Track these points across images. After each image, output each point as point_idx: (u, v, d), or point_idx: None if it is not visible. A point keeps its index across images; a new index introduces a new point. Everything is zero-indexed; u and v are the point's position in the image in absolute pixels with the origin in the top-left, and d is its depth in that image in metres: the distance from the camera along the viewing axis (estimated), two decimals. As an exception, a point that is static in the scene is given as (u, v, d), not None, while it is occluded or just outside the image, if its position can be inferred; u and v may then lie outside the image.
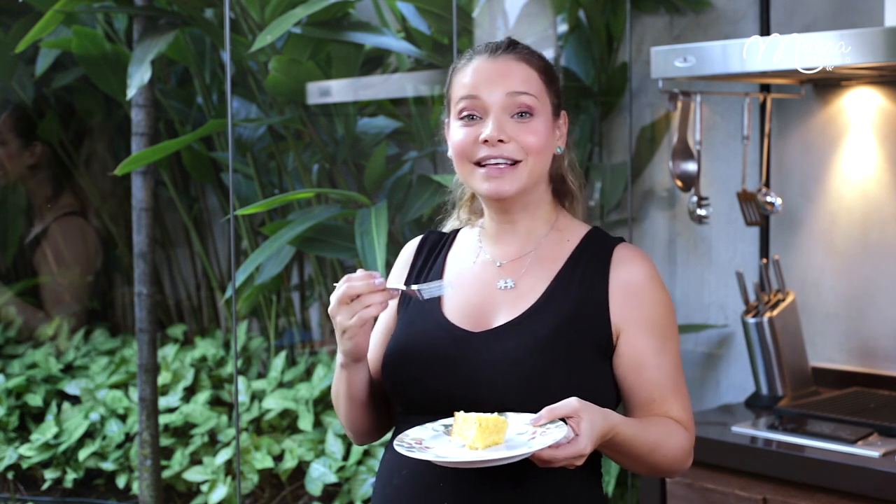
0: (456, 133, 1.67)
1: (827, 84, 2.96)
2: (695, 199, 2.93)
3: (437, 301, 1.71)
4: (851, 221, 2.96)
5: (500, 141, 1.63)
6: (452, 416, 1.55)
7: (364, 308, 1.58)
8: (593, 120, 3.48)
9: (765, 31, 3.04)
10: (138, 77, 2.98)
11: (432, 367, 1.65)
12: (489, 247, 1.75)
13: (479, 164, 1.65)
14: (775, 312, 2.88)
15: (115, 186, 4.12)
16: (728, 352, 3.25)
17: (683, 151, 2.90)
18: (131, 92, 2.99)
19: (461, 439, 1.50)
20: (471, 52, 1.72)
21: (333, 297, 1.60)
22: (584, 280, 1.67)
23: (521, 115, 1.65)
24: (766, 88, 3.04)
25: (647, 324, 1.66)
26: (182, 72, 3.92)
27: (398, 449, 1.52)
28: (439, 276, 1.76)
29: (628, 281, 1.67)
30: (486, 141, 1.63)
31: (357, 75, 3.42)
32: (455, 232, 1.83)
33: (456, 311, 1.70)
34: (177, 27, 3.17)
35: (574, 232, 1.74)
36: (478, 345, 1.64)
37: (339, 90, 3.43)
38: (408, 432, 1.57)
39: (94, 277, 4.24)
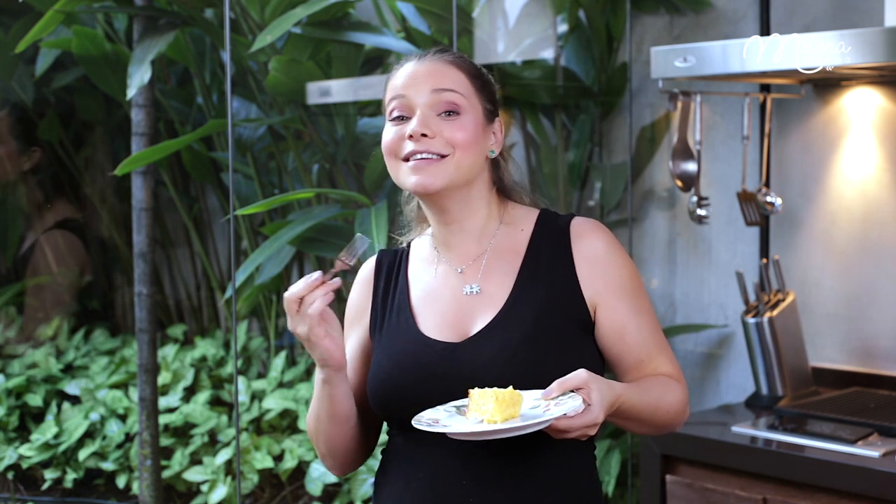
0: (386, 133, 1.70)
1: (827, 84, 2.96)
2: (695, 199, 2.93)
3: (410, 319, 1.72)
4: (851, 221, 2.96)
5: (424, 136, 1.65)
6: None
7: (310, 306, 1.59)
8: (593, 120, 3.48)
9: (765, 31, 3.04)
10: (138, 77, 2.98)
11: (423, 385, 1.65)
12: (444, 253, 1.75)
13: (405, 160, 1.67)
14: (775, 312, 2.88)
15: (115, 186, 4.12)
16: (728, 352, 3.25)
17: (683, 151, 2.90)
18: (131, 92, 2.99)
19: (478, 414, 1.52)
20: (405, 59, 1.75)
21: (287, 312, 1.62)
22: (548, 264, 1.69)
23: (449, 114, 1.66)
24: (766, 88, 3.03)
25: (619, 289, 1.68)
26: (182, 72, 3.92)
27: (416, 426, 1.53)
28: (405, 296, 1.75)
29: (592, 253, 1.70)
30: (410, 136, 1.65)
31: (357, 75, 3.42)
32: (406, 247, 1.83)
33: (432, 325, 1.70)
34: (177, 27, 3.17)
35: (526, 220, 1.75)
36: (464, 353, 1.65)
37: (339, 90, 3.43)
38: (422, 414, 1.58)
39: (94, 277, 4.24)
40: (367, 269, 1.83)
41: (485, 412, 1.51)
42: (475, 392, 1.53)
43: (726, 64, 2.56)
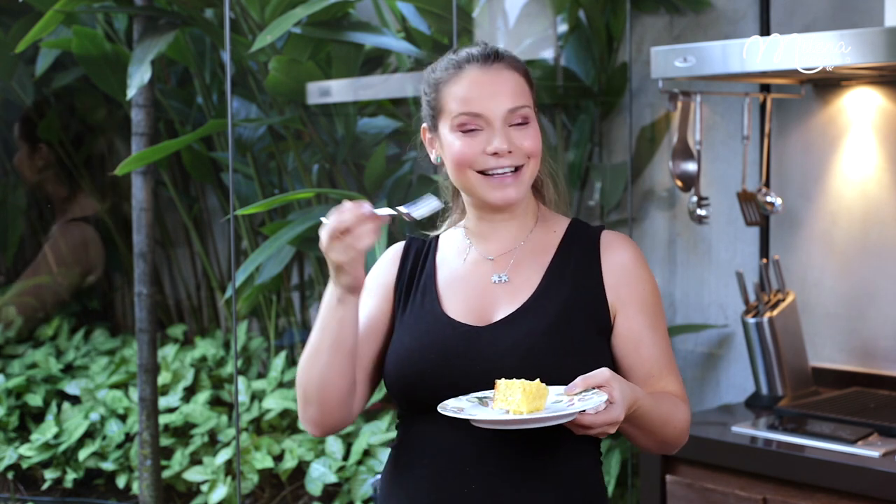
0: (454, 143, 1.71)
1: (827, 84, 2.96)
2: (695, 199, 2.93)
3: (436, 301, 1.74)
4: (851, 221, 2.96)
5: (509, 152, 1.68)
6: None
7: (357, 240, 1.60)
8: (593, 120, 3.48)
9: (765, 31, 3.04)
10: (138, 77, 2.98)
11: (443, 366, 1.68)
12: (478, 244, 1.79)
13: (481, 172, 1.70)
14: (775, 312, 2.88)
15: (115, 186, 4.12)
16: (728, 352, 3.25)
17: (683, 151, 2.90)
18: (131, 92, 2.99)
19: (504, 404, 1.54)
20: (454, 58, 1.75)
21: (324, 233, 1.62)
22: (577, 266, 1.74)
23: (520, 124, 1.71)
24: (766, 88, 3.04)
25: (641, 302, 1.74)
26: (182, 72, 3.92)
27: (442, 412, 1.55)
28: (432, 279, 1.78)
29: (619, 263, 1.74)
30: (495, 153, 1.68)
31: (357, 75, 3.42)
32: (436, 238, 1.86)
33: (456, 308, 1.73)
34: (177, 27, 3.17)
35: (558, 224, 1.80)
36: (487, 338, 1.68)
37: (339, 90, 3.43)
38: (446, 403, 1.59)
39: (94, 277, 4.24)
40: (395, 249, 1.86)
41: (511, 403, 1.54)
42: (502, 382, 1.55)
43: (726, 64, 2.56)
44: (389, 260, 1.85)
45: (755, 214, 2.99)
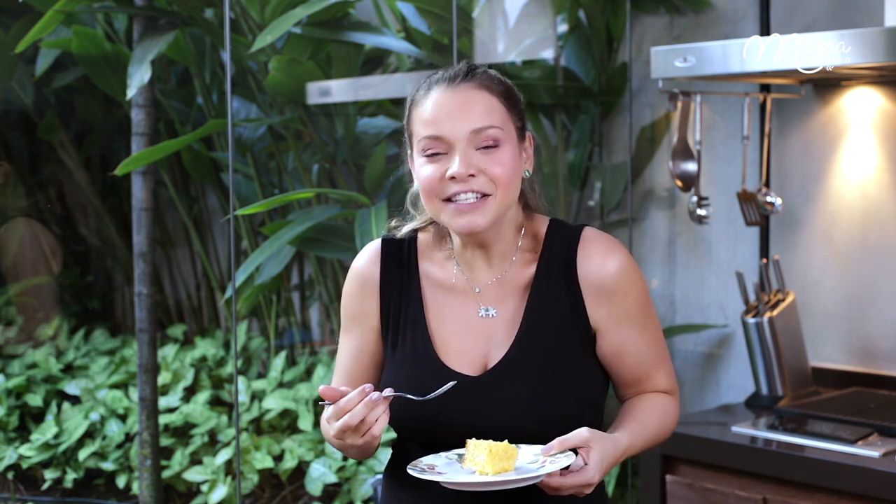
0: (422, 170, 1.62)
1: (827, 84, 2.96)
2: (695, 199, 2.93)
3: (428, 342, 1.67)
4: (851, 221, 2.96)
5: (470, 175, 1.59)
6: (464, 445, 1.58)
7: (372, 426, 1.53)
8: (593, 120, 3.48)
9: (765, 31, 3.04)
10: (138, 77, 2.98)
11: (439, 414, 1.63)
12: (465, 270, 1.71)
13: (448, 199, 1.61)
14: (775, 312, 2.88)
15: (115, 186, 4.12)
16: (728, 352, 3.25)
17: (683, 151, 2.90)
18: (131, 92, 2.99)
19: (472, 465, 1.53)
20: (428, 80, 1.66)
21: (335, 427, 1.54)
22: (556, 286, 1.67)
23: (487, 148, 1.60)
24: (766, 88, 3.03)
25: (624, 317, 1.67)
26: (182, 72, 3.92)
27: (411, 472, 1.53)
28: (419, 305, 1.69)
29: (598, 280, 1.66)
30: (453, 177, 1.58)
31: (357, 75, 3.42)
32: (412, 238, 1.76)
33: (451, 353, 1.67)
34: (177, 27, 3.17)
35: (538, 229, 1.71)
36: (481, 389, 1.64)
37: (339, 90, 3.43)
38: (422, 459, 1.58)
39: (94, 277, 4.24)
40: (371, 266, 1.74)
41: (477, 464, 1.52)
42: (471, 443, 1.54)
43: (726, 64, 2.56)
44: (367, 282, 1.73)
45: (755, 214, 2.99)
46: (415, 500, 1.70)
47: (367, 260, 1.75)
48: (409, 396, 1.58)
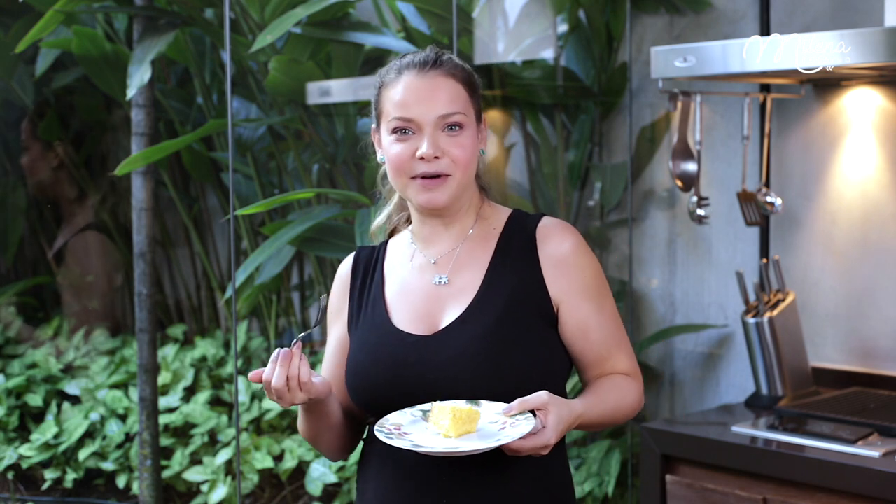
0: (391, 147, 1.76)
1: (827, 84, 2.96)
2: (695, 199, 2.93)
3: (384, 312, 1.80)
4: (851, 221, 2.96)
5: (436, 157, 1.73)
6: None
7: (300, 375, 1.68)
8: (593, 120, 3.48)
9: (765, 31, 3.04)
10: (138, 77, 2.98)
11: (395, 377, 1.73)
12: (422, 247, 1.83)
13: (414, 178, 1.75)
14: (775, 312, 2.88)
15: (115, 186, 4.12)
16: (728, 352, 3.25)
17: (683, 151, 2.90)
18: (131, 92, 3.00)
19: (437, 428, 1.61)
20: (398, 63, 1.80)
21: (275, 402, 1.73)
22: (515, 262, 1.77)
23: (451, 128, 1.75)
24: (766, 88, 3.04)
25: (583, 290, 1.76)
26: (182, 72, 3.92)
27: (378, 434, 1.61)
28: (381, 290, 1.83)
29: (556, 254, 1.77)
30: (422, 157, 1.73)
31: (357, 75, 3.42)
32: (384, 244, 1.91)
33: (404, 318, 1.78)
34: (177, 27, 3.17)
35: (497, 218, 1.83)
36: (433, 347, 1.73)
37: (339, 90, 3.43)
38: (388, 417, 1.67)
39: (94, 277, 4.24)
40: (346, 267, 1.91)
41: (441, 427, 1.61)
42: (436, 406, 1.62)
43: (726, 64, 2.56)
44: (341, 281, 1.90)
45: (755, 214, 2.99)
46: (384, 459, 1.76)
47: (343, 264, 1.93)
48: (310, 331, 1.75)
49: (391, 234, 1.94)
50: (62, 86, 3.92)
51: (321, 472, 3.30)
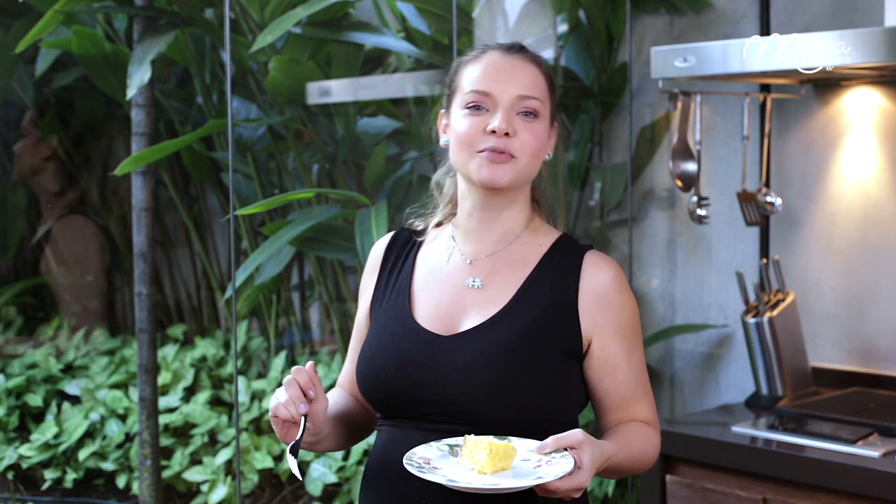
0: (461, 122, 1.70)
1: (827, 84, 2.96)
2: (695, 199, 2.94)
3: (406, 303, 1.74)
4: (851, 221, 2.96)
5: (507, 134, 1.67)
6: (437, 427, 1.60)
7: (298, 404, 1.60)
8: (593, 120, 3.48)
9: (765, 31, 3.04)
10: (138, 77, 2.98)
11: (404, 371, 1.67)
12: (462, 244, 1.77)
13: (479, 151, 1.69)
14: (775, 312, 2.88)
15: (115, 186, 4.12)
16: (728, 352, 3.26)
17: (683, 151, 2.90)
18: (131, 92, 3.00)
19: (470, 463, 1.54)
20: (483, 47, 1.77)
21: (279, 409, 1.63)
22: (554, 284, 1.71)
23: (527, 115, 1.69)
24: (766, 88, 3.04)
25: (617, 328, 1.70)
26: (182, 72, 3.92)
27: (408, 468, 1.53)
28: (409, 278, 1.78)
29: (598, 287, 1.70)
30: (493, 132, 1.67)
31: (357, 75, 3.43)
32: (424, 231, 1.85)
33: (425, 313, 1.73)
34: (177, 27, 3.17)
35: (546, 236, 1.77)
36: (446, 348, 1.67)
37: (339, 90, 3.43)
38: (415, 450, 1.59)
39: (94, 277, 4.24)
40: (381, 246, 1.86)
41: (477, 462, 1.53)
42: (470, 439, 1.54)
43: (726, 64, 2.56)
44: (374, 259, 1.85)
45: (755, 214, 2.99)
46: (382, 472, 1.70)
47: (378, 244, 1.87)
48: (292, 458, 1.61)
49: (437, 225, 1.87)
50: (62, 86, 3.92)
51: (321, 472, 3.30)
